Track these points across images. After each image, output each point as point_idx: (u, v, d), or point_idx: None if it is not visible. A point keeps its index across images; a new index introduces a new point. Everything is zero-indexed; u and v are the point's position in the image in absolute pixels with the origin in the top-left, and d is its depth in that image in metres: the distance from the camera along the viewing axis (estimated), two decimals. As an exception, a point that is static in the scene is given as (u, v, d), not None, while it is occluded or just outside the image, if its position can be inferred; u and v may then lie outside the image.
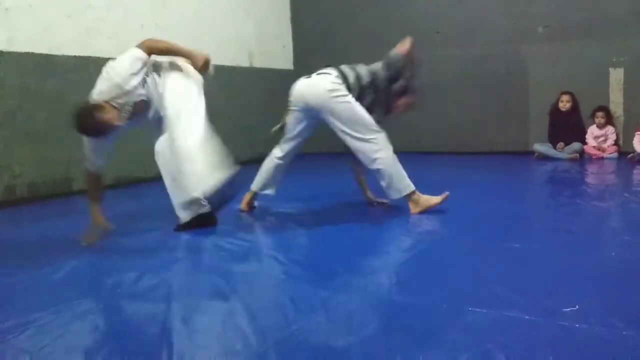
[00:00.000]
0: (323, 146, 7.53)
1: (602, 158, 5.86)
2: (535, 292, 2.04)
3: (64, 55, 4.82)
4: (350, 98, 3.34)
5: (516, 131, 6.51)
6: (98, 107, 3.00)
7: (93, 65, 5.04)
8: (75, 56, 4.90)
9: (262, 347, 1.70)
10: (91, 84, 4.77)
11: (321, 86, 3.38)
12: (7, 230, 3.78)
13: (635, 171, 5.03)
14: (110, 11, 5.26)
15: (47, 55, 4.65)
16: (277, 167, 3.77)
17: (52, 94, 4.70)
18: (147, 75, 3.18)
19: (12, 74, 4.45)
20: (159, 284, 2.35)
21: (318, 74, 3.50)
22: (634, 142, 5.65)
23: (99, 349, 1.77)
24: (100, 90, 3.09)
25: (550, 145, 6.15)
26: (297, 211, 3.96)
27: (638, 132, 5.66)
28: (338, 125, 3.36)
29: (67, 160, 4.86)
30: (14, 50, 4.49)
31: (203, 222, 3.29)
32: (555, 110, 6.15)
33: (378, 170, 3.31)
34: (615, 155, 5.85)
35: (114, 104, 3.05)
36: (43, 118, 4.67)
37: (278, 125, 3.76)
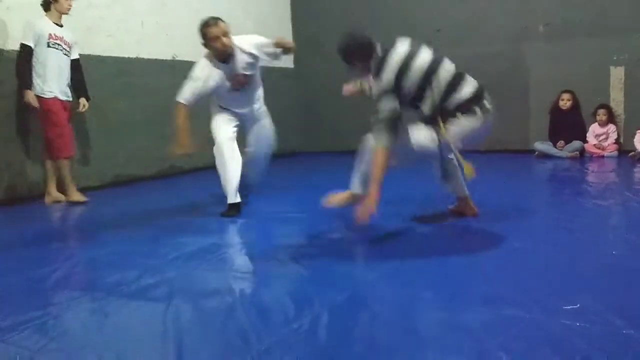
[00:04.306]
0: (323, 145, 7.54)
1: (603, 156, 5.85)
2: (535, 291, 2.03)
3: (64, 54, 4.81)
4: None
5: (516, 129, 6.50)
6: None
7: (94, 63, 5.05)
8: (75, 54, 4.89)
9: (263, 345, 1.69)
10: (92, 81, 4.81)
11: None
12: (8, 229, 3.78)
13: (635, 170, 5.03)
14: (111, 9, 5.26)
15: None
16: None
17: (52, 92, 4.68)
18: None
19: (12, 73, 4.45)
20: (159, 282, 2.35)
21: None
22: (634, 140, 5.64)
23: (99, 347, 1.76)
24: None
25: (550, 143, 6.15)
26: (298, 211, 3.96)
27: (639, 131, 5.65)
28: None
29: (68, 158, 4.85)
30: (15, 49, 4.48)
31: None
32: (555, 109, 6.15)
33: None
34: (615, 153, 5.85)
35: None
36: (43, 117, 4.66)
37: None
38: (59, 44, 4.43)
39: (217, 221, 3.57)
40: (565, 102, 6.07)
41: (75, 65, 4.61)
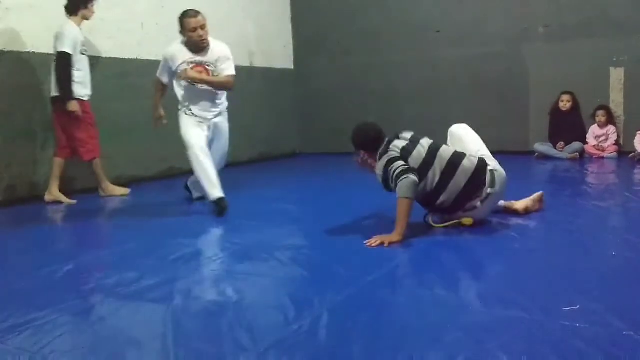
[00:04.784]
0: (323, 146, 7.54)
1: (603, 158, 5.86)
2: (535, 291, 2.04)
3: (64, 55, 4.81)
4: None
5: (516, 131, 6.50)
6: None
7: (94, 65, 5.04)
8: (76, 56, 4.89)
9: (263, 347, 1.70)
10: (92, 83, 4.80)
11: None
12: (7, 230, 3.78)
13: (635, 171, 5.03)
14: (111, 11, 5.26)
15: (48, 55, 4.62)
16: None
17: (52, 93, 4.68)
18: None
19: (13, 74, 4.45)
20: (159, 283, 2.35)
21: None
22: (634, 141, 5.64)
23: (98, 349, 1.77)
24: None
25: (550, 145, 6.15)
26: (298, 212, 3.97)
27: (639, 132, 5.65)
28: None
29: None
30: (15, 50, 4.49)
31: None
32: (555, 110, 6.15)
33: None
34: (615, 155, 5.85)
35: None
36: (44, 118, 4.67)
37: None
38: (86, 50, 4.57)
39: (217, 222, 3.57)
40: (565, 103, 6.07)
41: None
